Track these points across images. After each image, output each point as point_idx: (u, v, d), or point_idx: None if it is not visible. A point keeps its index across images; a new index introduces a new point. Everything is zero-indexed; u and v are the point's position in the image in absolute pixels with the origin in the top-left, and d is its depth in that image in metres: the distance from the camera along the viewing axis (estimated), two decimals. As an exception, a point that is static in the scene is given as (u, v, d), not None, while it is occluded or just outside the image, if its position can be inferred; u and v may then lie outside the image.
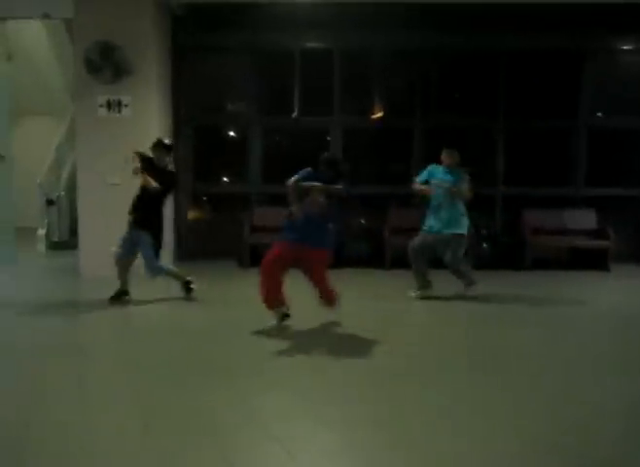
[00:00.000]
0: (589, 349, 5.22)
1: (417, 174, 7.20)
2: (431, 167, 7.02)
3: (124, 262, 6.71)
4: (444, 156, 6.93)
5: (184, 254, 9.73)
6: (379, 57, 10.12)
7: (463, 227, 6.85)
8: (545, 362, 4.83)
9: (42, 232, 11.12)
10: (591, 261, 9.28)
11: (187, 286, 6.94)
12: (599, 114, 10.30)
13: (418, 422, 3.58)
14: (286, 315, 5.64)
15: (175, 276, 7.00)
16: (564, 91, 10.07)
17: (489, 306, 6.77)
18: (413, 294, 7.02)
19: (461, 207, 6.88)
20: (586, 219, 9.64)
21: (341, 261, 8.97)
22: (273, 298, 5.60)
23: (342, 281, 6.10)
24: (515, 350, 5.17)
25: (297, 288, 5.75)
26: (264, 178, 10.17)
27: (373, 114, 10.24)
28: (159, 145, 6.67)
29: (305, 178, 5.55)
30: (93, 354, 5.03)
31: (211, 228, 10.20)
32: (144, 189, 6.47)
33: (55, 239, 11.22)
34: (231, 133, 10.92)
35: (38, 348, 5.11)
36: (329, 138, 10.21)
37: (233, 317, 6.18)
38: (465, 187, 6.80)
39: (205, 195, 10.51)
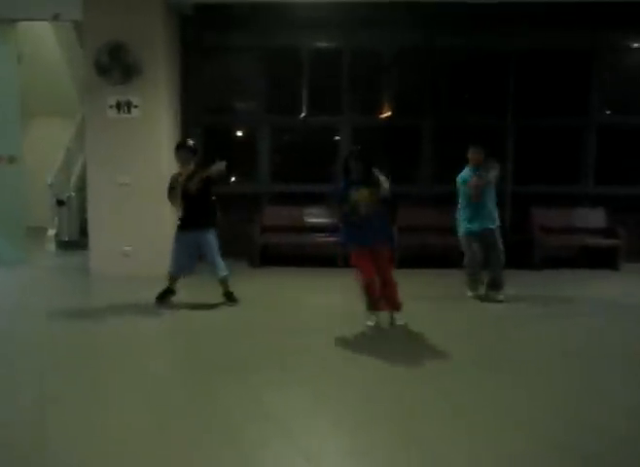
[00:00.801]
0: (601, 348, 5.22)
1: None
2: (463, 174, 6.93)
3: (178, 277, 6.58)
4: (471, 153, 6.90)
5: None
6: (388, 57, 10.12)
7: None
8: (556, 361, 4.84)
9: (52, 232, 11.18)
10: (601, 259, 9.25)
11: (229, 296, 6.69)
12: (608, 112, 10.28)
13: (433, 421, 3.59)
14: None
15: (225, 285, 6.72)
16: (573, 90, 10.05)
17: (498, 306, 6.76)
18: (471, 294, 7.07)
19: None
20: (596, 217, 9.62)
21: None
22: (376, 300, 5.63)
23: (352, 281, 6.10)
24: (523, 349, 5.17)
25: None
26: (273, 177, 10.19)
27: (382, 113, 10.24)
28: (183, 147, 6.50)
29: (344, 193, 5.40)
30: (109, 355, 5.07)
31: (221, 228, 10.19)
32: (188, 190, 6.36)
33: (65, 239, 11.28)
34: (240, 133, 10.93)
35: (49, 350, 5.16)
36: (337, 137, 10.24)
37: (249, 316, 6.20)
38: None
39: (215, 194, 10.49)
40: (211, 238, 6.50)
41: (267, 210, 9.74)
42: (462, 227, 6.94)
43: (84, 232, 10.26)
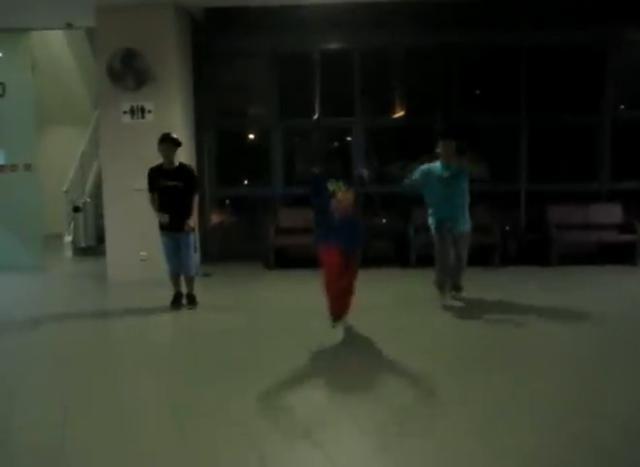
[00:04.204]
0: (616, 349, 5.20)
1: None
2: (427, 168, 6.48)
3: (177, 275, 6.58)
4: (442, 147, 6.34)
5: (210, 256, 9.78)
6: (399, 56, 10.11)
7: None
8: (569, 362, 4.82)
9: (69, 238, 11.27)
10: (619, 255, 9.17)
11: (191, 298, 6.73)
12: (622, 107, 10.20)
13: (450, 420, 3.59)
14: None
15: (191, 286, 6.74)
16: (587, 86, 9.97)
17: (513, 305, 6.72)
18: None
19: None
20: (612, 213, 9.53)
21: (365, 260, 8.99)
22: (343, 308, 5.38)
23: (367, 282, 6.12)
24: (535, 349, 5.17)
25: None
26: (287, 180, 10.20)
27: (395, 113, 10.22)
28: (167, 140, 6.43)
29: (318, 191, 5.24)
30: (123, 358, 5.11)
31: (236, 230, 10.25)
32: (173, 190, 6.37)
33: (82, 245, 11.35)
34: (254, 137, 10.96)
35: (67, 355, 5.21)
36: (349, 138, 10.25)
37: (265, 319, 6.22)
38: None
39: (229, 198, 10.56)
40: (191, 240, 6.52)
41: (282, 213, 9.74)
42: (432, 223, 6.51)
43: (100, 238, 10.33)
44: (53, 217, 11.40)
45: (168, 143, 6.42)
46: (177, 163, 6.54)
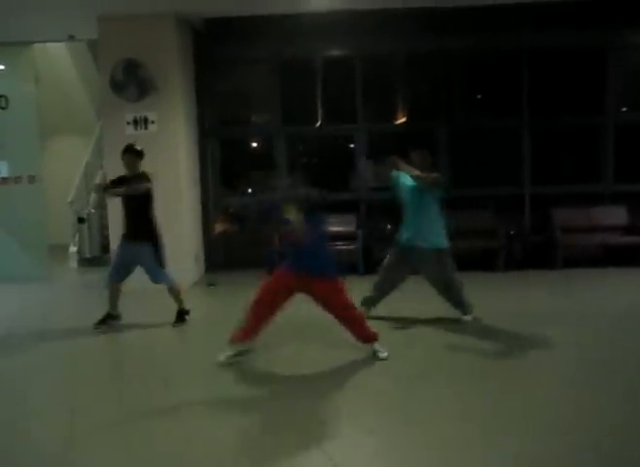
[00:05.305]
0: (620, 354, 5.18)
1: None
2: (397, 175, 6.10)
3: (116, 285, 6.39)
4: (415, 157, 5.98)
5: (214, 265, 9.80)
6: (401, 62, 10.13)
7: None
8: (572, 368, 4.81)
9: (73, 249, 11.29)
10: (624, 258, 9.14)
11: (182, 314, 6.49)
12: (625, 109, 10.20)
13: (449, 425, 3.59)
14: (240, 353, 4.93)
15: (177, 300, 6.49)
16: (589, 88, 9.97)
17: (517, 309, 6.71)
18: None
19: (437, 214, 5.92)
20: (617, 215, 9.53)
21: (371, 266, 8.99)
22: (253, 333, 4.93)
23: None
24: (540, 356, 5.16)
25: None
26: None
27: (397, 119, 10.24)
28: (130, 151, 6.32)
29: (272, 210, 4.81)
30: (129, 369, 5.11)
31: (241, 238, 10.23)
32: (128, 199, 6.21)
33: (87, 256, 11.37)
34: (257, 145, 10.98)
35: (72, 366, 5.21)
36: (352, 145, 10.27)
37: (272, 328, 6.20)
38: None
39: (233, 206, 10.54)
40: (147, 252, 6.24)
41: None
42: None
43: (105, 248, 10.35)
44: (58, 228, 11.43)
45: (132, 154, 6.34)
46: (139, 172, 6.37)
